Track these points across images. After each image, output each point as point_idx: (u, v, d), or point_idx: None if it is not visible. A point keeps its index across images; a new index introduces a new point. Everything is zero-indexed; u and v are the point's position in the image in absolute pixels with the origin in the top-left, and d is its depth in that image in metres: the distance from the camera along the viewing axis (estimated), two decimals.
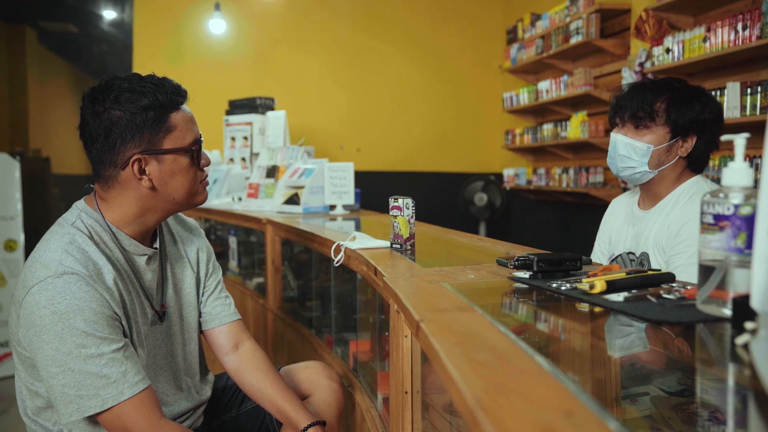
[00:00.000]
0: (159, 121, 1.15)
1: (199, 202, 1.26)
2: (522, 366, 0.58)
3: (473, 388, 0.51)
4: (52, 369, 1.06)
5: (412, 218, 1.50)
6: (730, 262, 0.79)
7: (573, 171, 4.46)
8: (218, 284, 1.44)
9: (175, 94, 1.18)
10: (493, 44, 5.56)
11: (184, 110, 1.21)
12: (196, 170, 1.22)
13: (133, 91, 1.13)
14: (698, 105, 1.48)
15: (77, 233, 1.13)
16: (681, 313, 0.83)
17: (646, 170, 1.51)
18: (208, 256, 1.44)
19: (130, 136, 1.13)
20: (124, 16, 5.04)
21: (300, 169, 2.94)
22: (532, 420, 0.45)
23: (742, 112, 2.80)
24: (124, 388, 1.07)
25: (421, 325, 0.75)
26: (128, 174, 1.15)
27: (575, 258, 1.13)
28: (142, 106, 1.13)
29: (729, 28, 2.86)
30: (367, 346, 1.81)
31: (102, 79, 1.16)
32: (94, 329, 1.06)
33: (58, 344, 1.05)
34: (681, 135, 1.49)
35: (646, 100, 1.49)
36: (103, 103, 1.13)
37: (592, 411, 0.47)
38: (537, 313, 0.91)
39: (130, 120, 1.13)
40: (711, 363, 0.72)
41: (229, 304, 1.43)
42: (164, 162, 1.17)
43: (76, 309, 1.05)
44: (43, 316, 1.05)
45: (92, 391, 1.06)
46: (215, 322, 1.39)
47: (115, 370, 1.07)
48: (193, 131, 1.21)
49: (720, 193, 0.80)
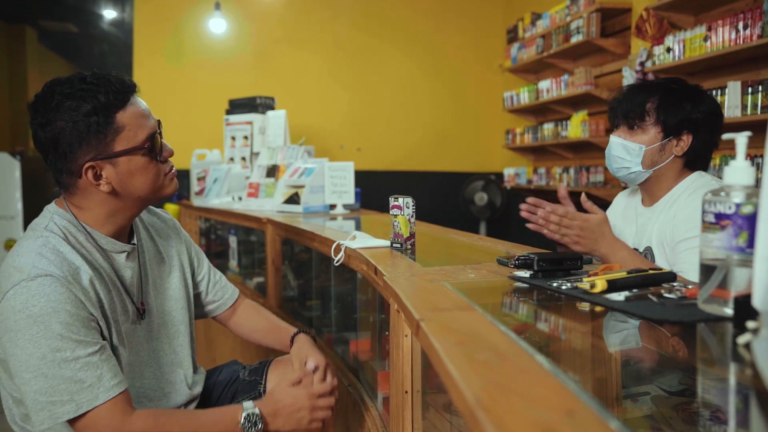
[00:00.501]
0: (105, 124, 1.10)
1: (168, 194, 1.24)
2: (522, 365, 0.58)
3: (473, 388, 0.50)
4: (26, 375, 1.03)
5: (413, 217, 1.50)
6: (731, 261, 0.79)
7: (573, 170, 4.45)
8: (210, 269, 1.49)
9: (119, 92, 1.13)
10: (493, 43, 5.56)
11: (134, 105, 1.15)
12: (157, 164, 1.19)
13: (74, 97, 1.09)
14: (689, 104, 1.48)
15: (51, 235, 1.12)
16: (682, 312, 0.83)
17: (640, 170, 1.52)
18: (188, 247, 1.45)
19: (77, 145, 1.10)
20: (124, 16, 5.03)
21: (300, 169, 2.94)
22: (532, 420, 0.45)
23: (743, 111, 2.80)
24: (99, 393, 1.05)
25: (421, 324, 0.74)
26: (85, 181, 1.13)
27: (576, 257, 1.13)
28: (84, 113, 1.09)
29: (730, 27, 2.86)
30: (367, 346, 1.81)
31: (44, 85, 1.13)
32: (69, 331, 1.04)
33: (32, 349, 1.03)
34: (673, 134, 1.49)
35: (638, 101, 1.51)
36: (45, 114, 1.09)
37: (593, 410, 0.47)
38: (537, 313, 0.91)
39: (74, 129, 1.09)
40: (712, 362, 0.72)
41: (226, 285, 1.53)
42: (119, 164, 1.14)
43: (51, 311, 1.03)
44: (18, 320, 1.03)
45: (66, 396, 1.03)
46: (224, 308, 1.51)
47: (90, 374, 1.05)
48: (145, 126, 1.16)
49: (721, 192, 0.80)
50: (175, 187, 1.26)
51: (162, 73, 4.80)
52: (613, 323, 0.84)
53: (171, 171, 1.24)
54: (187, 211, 3.91)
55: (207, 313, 1.51)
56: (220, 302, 1.50)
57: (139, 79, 1.29)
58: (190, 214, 3.83)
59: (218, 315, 1.52)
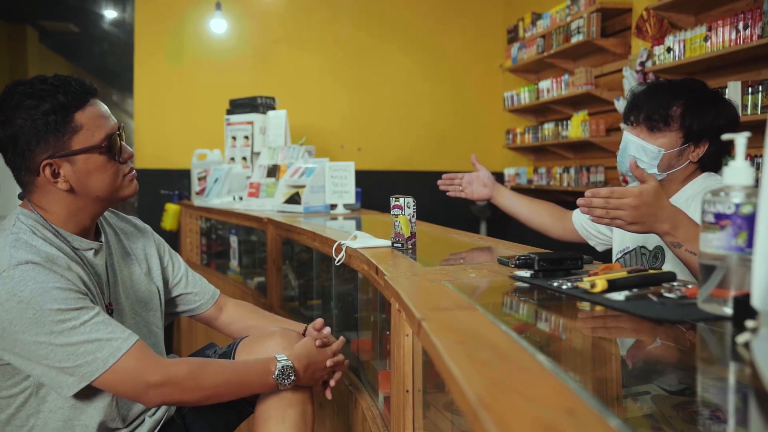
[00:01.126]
0: (62, 122, 1.14)
1: (126, 196, 1.26)
2: (523, 364, 0.58)
3: (475, 387, 0.51)
4: (39, 353, 1.06)
5: (413, 217, 1.51)
6: (731, 260, 0.79)
7: (574, 170, 4.46)
8: (187, 271, 1.50)
9: (79, 93, 1.16)
10: (493, 43, 5.56)
11: (94, 106, 1.19)
12: (116, 165, 1.22)
13: (33, 96, 1.13)
14: (714, 111, 1.45)
15: (19, 231, 1.14)
16: (682, 311, 0.83)
17: (655, 173, 1.49)
18: (159, 249, 1.46)
19: (35, 142, 1.13)
20: (125, 16, 5.04)
21: (301, 169, 2.94)
22: (533, 418, 0.45)
23: (743, 112, 2.80)
24: (119, 344, 1.09)
25: (423, 323, 0.75)
26: (43, 179, 1.16)
27: (576, 257, 1.13)
28: (42, 111, 1.12)
29: (730, 27, 2.86)
30: (368, 345, 1.81)
31: (6, 87, 1.17)
32: (67, 305, 1.07)
33: (36, 329, 1.05)
34: (694, 141, 1.47)
35: (663, 104, 1.46)
36: (4, 112, 1.13)
37: (594, 409, 0.47)
38: (538, 312, 0.91)
39: (32, 126, 1.12)
40: (712, 362, 0.72)
41: (206, 285, 1.53)
42: (76, 163, 1.16)
43: (42, 291, 1.05)
44: (9, 310, 1.04)
45: (89, 357, 1.07)
46: (205, 307, 1.51)
47: (102, 332, 1.08)
48: (104, 126, 1.19)
49: (721, 192, 0.81)
50: (135, 189, 1.28)
51: (163, 73, 4.80)
52: (614, 323, 0.85)
53: (130, 172, 1.26)
54: (187, 210, 3.92)
55: (188, 311, 1.51)
56: (200, 303, 1.50)
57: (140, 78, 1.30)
58: (191, 214, 3.84)
59: (201, 314, 1.52)
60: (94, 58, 5.13)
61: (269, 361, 1.25)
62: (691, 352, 0.76)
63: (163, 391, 1.13)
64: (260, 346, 1.33)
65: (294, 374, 1.25)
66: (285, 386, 1.24)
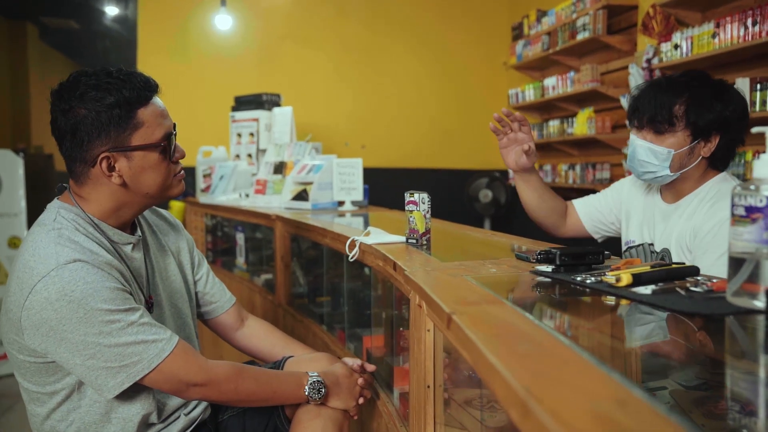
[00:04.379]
0: (126, 118, 1.14)
1: (174, 195, 1.27)
2: (564, 356, 0.58)
3: (521, 379, 0.50)
4: (86, 352, 1.07)
5: (428, 213, 1.50)
6: (761, 254, 0.79)
7: (579, 167, 4.45)
8: (209, 272, 1.52)
9: (143, 89, 1.16)
10: (498, 41, 5.56)
11: (155, 104, 1.19)
12: (169, 164, 1.22)
13: (99, 88, 1.12)
14: (719, 104, 1.41)
15: (62, 228, 1.14)
16: (712, 305, 0.83)
17: (668, 174, 1.47)
18: (190, 246, 1.48)
19: (96, 134, 1.13)
20: (127, 13, 5.03)
21: (308, 166, 2.93)
22: (585, 409, 0.44)
23: (752, 108, 2.79)
24: (163, 345, 1.12)
25: (453, 317, 0.74)
26: (98, 171, 1.16)
27: (597, 252, 1.13)
28: (107, 104, 1.12)
29: (738, 23, 2.85)
30: (380, 342, 1.80)
31: (70, 75, 1.16)
32: (115, 305, 1.08)
33: (85, 329, 1.05)
34: (703, 137, 1.43)
35: (665, 104, 1.42)
36: (69, 101, 1.13)
37: (643, 399, 0.47)
38: (567, 306, 0.91)
39: (96, 118, 1.12)
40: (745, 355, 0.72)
41: (224, 289, 1.55)
42: (133, 158, 1.17)
43: (92, 292, 1.06)
44: (58, 309, 1.04)
45: (135, 358, 1.09)
46: (220, 310, 1.52)
47: (148, 333, 1.10)
48: (163, 125, 1.20)
49: (751, 185, 0.80)
50: (182, 189, 1.29)
51: (167, 70, 4.79)
52: (642, 316, 0.84)
53: (180, 173, 1.27)
54: (192, 208, 3.91)
55: (203, 314, 1.53)
56: (217, 304, 1.52)
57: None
58: (196, 211, 3.83)
59: (219, 320, 1.53)
60: (96, 55, 5.12)
61: (302, 375, 1.31)
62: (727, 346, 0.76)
63: (202, 390, 1.17)
64: (307, 365, 1.39)
65: (324, 389, 1.31)
66: (315, 400, 1.30)
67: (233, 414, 1.45)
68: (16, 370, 1.18)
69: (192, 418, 1.30)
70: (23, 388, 1.20)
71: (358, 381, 1.40)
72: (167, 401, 1.26)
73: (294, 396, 1.30)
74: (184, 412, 1.29)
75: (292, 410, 1.39)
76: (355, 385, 1.39)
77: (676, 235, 1.48)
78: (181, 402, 1.28)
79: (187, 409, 1.30)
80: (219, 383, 1.18)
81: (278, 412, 1.43)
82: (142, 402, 1.19)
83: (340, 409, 1.36)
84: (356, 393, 1.39)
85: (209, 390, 1.17)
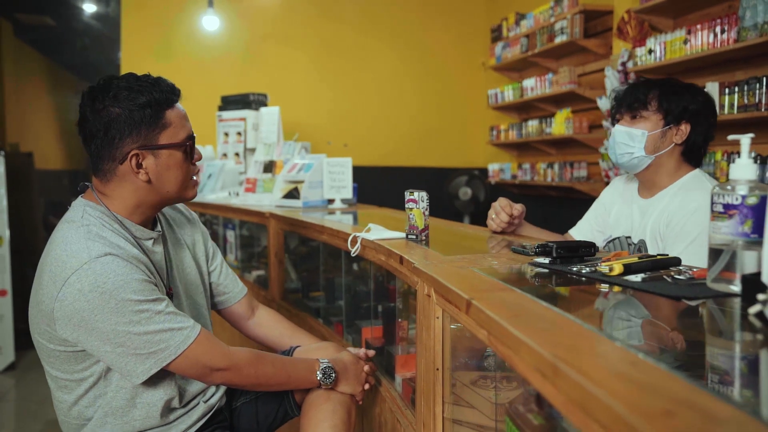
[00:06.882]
0: (155, 117, 1.23)
1: (189, 197, 1.36)
2: (578, 332, 0.68)
3: (547, 348, 0.60)
4: (116, 340, 1.14)
5: (427, 210, 1.60)
6: (737, 245, 0.90)
7: (558, 166, 4.60)
8: (222, 263, 1.61)
9: (170, 93, 1.26)
10: (477, 42, 5.68)
11: (178, 108, 1.30)
12: (189, 165, 1.31)
13: (131, 89, 1.21)
14: (688, 95, 1.63)
15: (90, 224, 1.21)
16: (695, 290, 0.94)
17: (643, 155, 1.64)
18: (204, 238, 1.57)
19: (128, 132, 1.21)
20: (108, 11, 5.01)
21: (299, 164, 3.01)
22: (605, 368, 0.54)
23: (720, 111, 2.96)
24: (188, 332, 1.20)
25: (473, 302, 0.84)
26: (126, 168, 1.23)
27: (589, 245, 1.24)
28: (139, 104, 1.21)
29: (708, 31, 3.02)
30: (379, 333, 1.90)
31: (101, 79, 1.25)
32: (144, 296, 1.15)
33: (116, 318, 1.13)
34: (674, 122, 1.62)
35: (640, 92, 1.65)
36: (102, 101, 1.21)
37: (652, 362, 0.57)
38: (569, 293, 1.01)
39: (129, 117, 1.21)
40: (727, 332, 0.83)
41: (236, 280, 1.63)
42: (160, 157, 1.25)
43: (123, 284, 1.13)
44: (91, 300, 1.11)
45: (163, 345, 1.17)
46: (233, 300, 1.61)
47: (174, 321, 1.18)
48: (186, 127, 1.30)
49: (728, 186, 0.92)
50: (195, 194, 1.37)
51: (151, 69, 4.78)
52: (633, 301, 0.95)
53: (196, 176, 1.36)
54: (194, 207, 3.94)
55: (216, 304, 1.61)
56: (230, 294, 1.61)
57: None
58: (196, 210, 3.86)
59: (231, 310, 1.62)
60: (75, 53, 5.08)
61: (314, 361, 1.42)
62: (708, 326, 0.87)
63: (225, 374, 1.25)
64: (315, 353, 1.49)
65: (334, 374, 1.41)
66: (326, 384, 1.41)
67: (246, 401, 1.53)
68: (44, 359, 1.24)
69: (210, 405, 1.38)
70: (51, 376, 1.26)
71: (364, 368, 1.50)
72: (188, 387, 1.34)
73: (307, 380, 1.40)
74: (203, 399, 1.37)
75: (301, 396, 1.49)
76: (361, 372, 1.49)
77: (650, 225, 1.63)
78: (200, 389, 1.36)
79: (206, 396, 1.38)
80: (240, 368, 1.27)
81: (288, 399, 1.51)
82: (165, 388, 1.27)
83: (348, 394, 1.46)
84: (362, 379, 1.49)
85: (231, 374, 1.26)
